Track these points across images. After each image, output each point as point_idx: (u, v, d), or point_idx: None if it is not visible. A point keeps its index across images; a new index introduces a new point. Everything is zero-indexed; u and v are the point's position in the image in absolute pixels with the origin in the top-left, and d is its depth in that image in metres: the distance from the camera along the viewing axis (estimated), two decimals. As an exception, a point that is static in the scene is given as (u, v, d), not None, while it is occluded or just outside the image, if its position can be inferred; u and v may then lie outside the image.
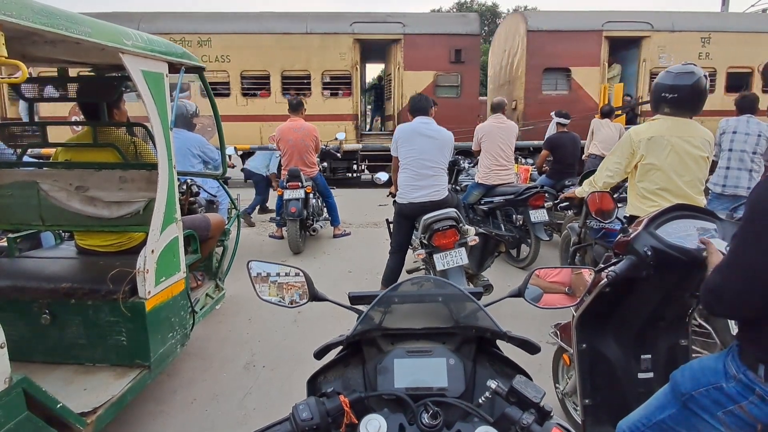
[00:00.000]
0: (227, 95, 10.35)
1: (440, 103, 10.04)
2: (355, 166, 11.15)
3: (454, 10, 31.52)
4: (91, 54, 2.47)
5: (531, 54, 10.44)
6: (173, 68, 2.56)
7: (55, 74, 2.85)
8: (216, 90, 9.65)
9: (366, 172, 11.47)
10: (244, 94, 10.56)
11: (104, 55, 2.38)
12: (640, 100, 10.33)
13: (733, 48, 10.20)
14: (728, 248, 1.25)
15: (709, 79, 2.57)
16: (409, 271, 4.17)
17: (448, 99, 10.30)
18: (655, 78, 10.05)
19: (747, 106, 4.31)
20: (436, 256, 3.37)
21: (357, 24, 10.25)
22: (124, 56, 2.09)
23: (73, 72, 2.98)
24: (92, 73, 2.95)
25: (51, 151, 2.89)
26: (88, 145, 2.70)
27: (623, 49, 11.09)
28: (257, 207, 7.23)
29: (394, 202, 3.87)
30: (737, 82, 10.45)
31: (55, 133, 2.89)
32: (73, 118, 6.64)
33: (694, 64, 2.56)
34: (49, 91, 3.70)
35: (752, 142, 4.17)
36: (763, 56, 9.99)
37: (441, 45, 10.33)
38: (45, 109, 7.94)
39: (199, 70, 2.84)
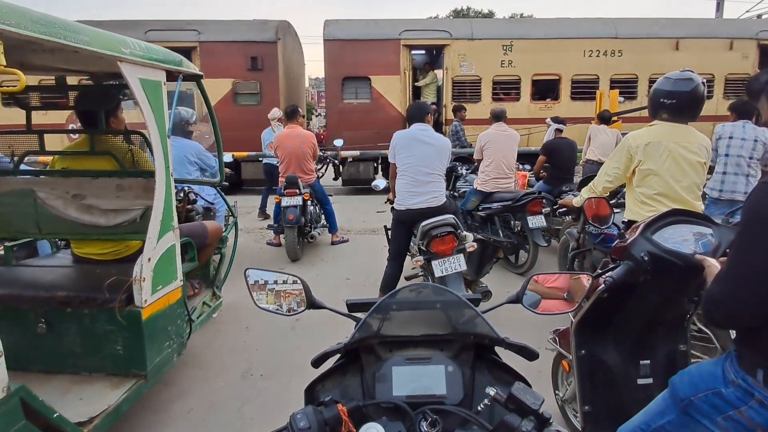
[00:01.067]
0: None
1: (240, 110, 9.98)
2: None
3: (451, 16, 31.71)
4: (89, 62, 2.48)
5: (329, 63, 10.38)
6: (171, 76, 2.56)
7: (53, 82, 2.85)
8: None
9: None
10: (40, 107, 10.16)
11: (102, 64, 2.39)
12: (445, 108, 10.36)
13: (537, 55, 10.11)
14: (727, 256, 1.25)
15: (706, 86, 2.58)
16: (407, 278, 4.16)
17: (248, 106, 10.21)
18: (457, 86, 9.82)
19: (744, 112, 4.33)
20: (434, 263, 3.36)
21: (151, 32, 9.99)
22: (122, 64, 2.10)
23: (71, 81, 2.98)
24: (90, 82, 2.96)
25: (48, 159, 2.89)
26: (85, 153, 2.69)
27: (438, 56, 11.14)
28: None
29: (392, 208, 3.87)
30: (545, 88, 10.48)
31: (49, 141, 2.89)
32: (70, 126, 6.64)
33: (692, 71, 2.57)
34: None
35: (749, 147, 4.19)
36: (569, 62, 10.12)
37: (237, 52, 10.15)
38: (44, 118, 7.90)
39: (197, 78, 2.84)
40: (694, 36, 10.25)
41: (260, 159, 8.00)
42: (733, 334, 2.15)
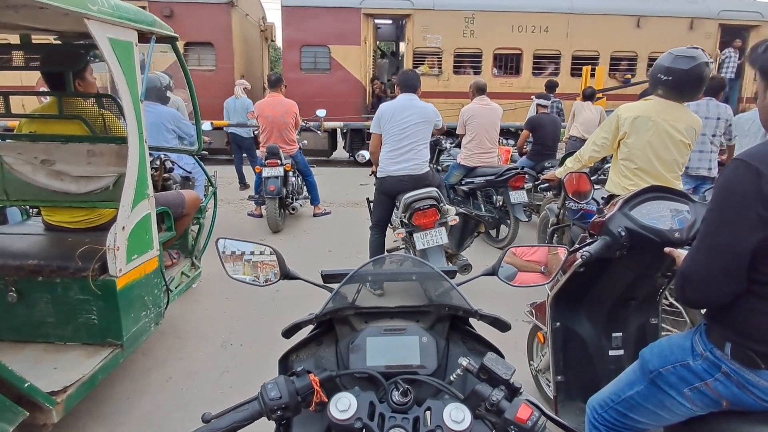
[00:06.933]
0: None
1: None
2: None
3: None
4: (55, 21, 2.34)
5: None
6: (144, 38, 2.44)
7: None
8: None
9: None
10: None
11: (69, 22, 2.26)
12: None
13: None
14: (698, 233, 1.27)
15: (710, 66, 2.44)
16: (389, 251, 4.17)
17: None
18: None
19: (710, 88, 4.30)
20: (416, 235, 3.37)
21: None
22: (90, 22, 1.98)
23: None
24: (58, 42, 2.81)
25: (16, 123, 2.76)
26: (53, 116, 2.58)
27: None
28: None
29: (376, 178, 3.84)
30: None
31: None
32: (41, 89, 6.37)
33: (698, 48, 2.45)
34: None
35: (712, 125, 4.25)
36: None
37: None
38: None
39: (171, 41, 2.72)
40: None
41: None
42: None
